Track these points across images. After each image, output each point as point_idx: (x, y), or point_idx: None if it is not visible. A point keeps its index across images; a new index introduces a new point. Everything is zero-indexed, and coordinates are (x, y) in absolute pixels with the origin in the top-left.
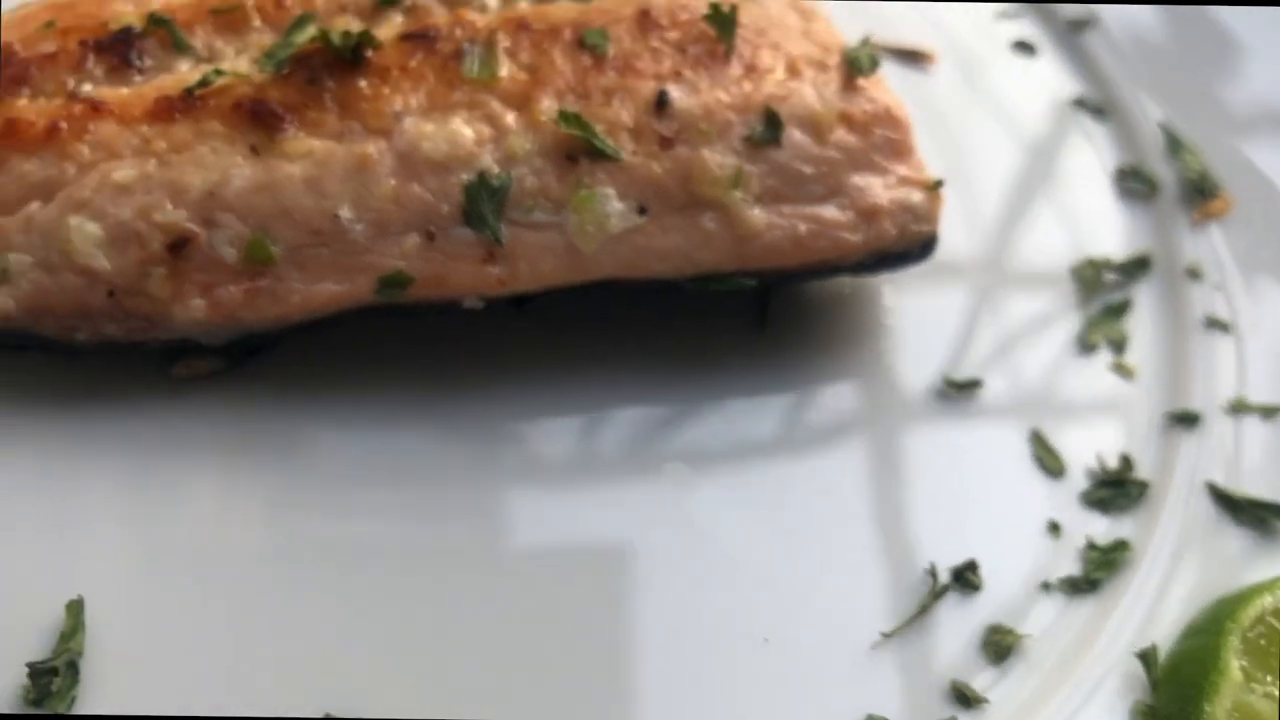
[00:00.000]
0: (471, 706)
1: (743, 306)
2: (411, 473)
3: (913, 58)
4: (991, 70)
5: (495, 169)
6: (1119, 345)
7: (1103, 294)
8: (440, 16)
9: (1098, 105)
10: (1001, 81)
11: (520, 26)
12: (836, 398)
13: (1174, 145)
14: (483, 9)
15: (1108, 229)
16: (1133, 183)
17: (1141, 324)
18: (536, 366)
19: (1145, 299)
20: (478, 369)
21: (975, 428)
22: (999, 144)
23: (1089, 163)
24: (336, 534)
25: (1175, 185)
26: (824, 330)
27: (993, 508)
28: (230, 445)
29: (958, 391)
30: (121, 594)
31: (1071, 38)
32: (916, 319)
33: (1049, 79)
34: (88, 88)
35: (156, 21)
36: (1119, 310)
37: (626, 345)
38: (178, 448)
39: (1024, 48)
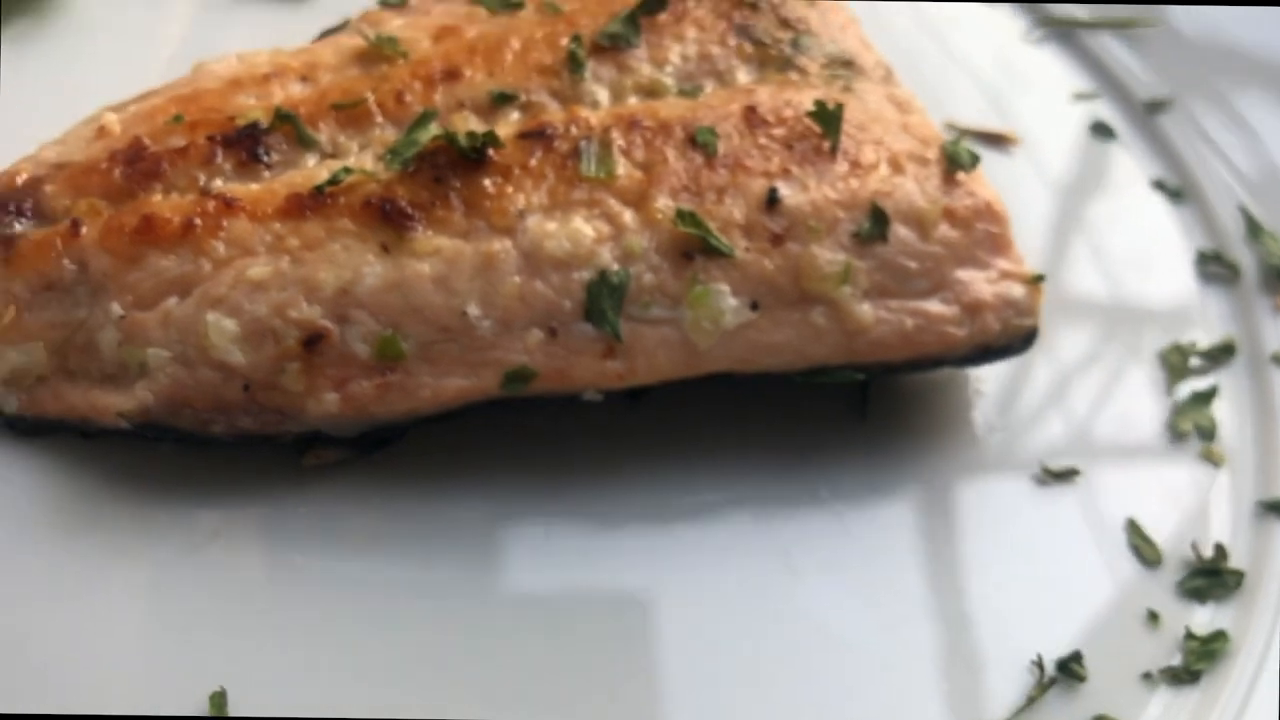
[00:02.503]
0: None
1: (842, 393)
2: (538, 556)
3: (995, 140)
4: (1071, 153)
5: (614, 266)
6: (1208, 432)
7: (1189, 380)
8: (555, 113)
9: (1176, 188)
10: (1080, 165)
11: (632, 124)
12: (936, 486)
13: (1254, 229)
14: (595, 105)
15: (1191, 314)
16: (1214, 267)
17: (1229, 410)
18: (644, 454)
19: (1231, 385)
20: (592, 456)
21: (1072, 515)
22: (1080, 229)
23: (1170, 247)
24: (466, 615)
25: (1256, 270)
26: (923, 418)
27: (1092, 597)
28: (360, 534)
29: (1055, 479)
30: (262, 682)
31: (1149, 120)
32: (1011, 406)
33: (1127, 162)
34: (218, 183)
35: (282, 117)
36: (1207, 397)
37: (729, 433)
38: (308, 536)
39: (1102, 130)
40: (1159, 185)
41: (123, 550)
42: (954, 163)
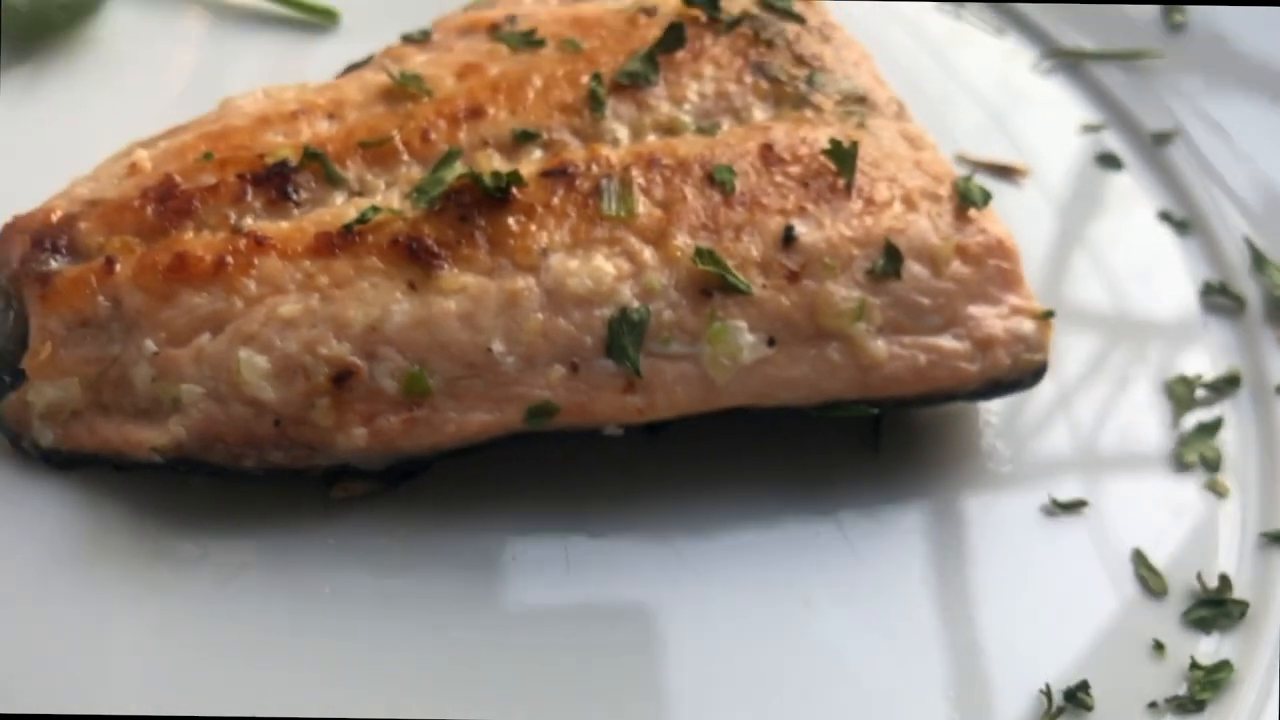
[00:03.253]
0: None
1: (855, 426)
2: (558, 585)
3: (1004, 172)
4: (1078, 184)
5: (634, 303)
6: (1213, 464)
7: (1195, 411)
8: (576, 151)
9: (1182, 219)
10: (1088, 196)
11: (652, 162)
12: (947, 518)
13: (1259, 261)
14: (615, 142)
15: (1197, 345)
16: (1219, 298)
17: (1233, 442)
18: (660, 486)
19: (1236, 416)
20: (610, 488)
21: (1080, 546)
22: (1087, 260)
23: (1175, 278)
24: (491, 645)
25: (1261, 301)
26: (934, 450)
27: (1099, 626)
28: (387, 564)
29: (1063, 511)
30: (292, 710)
31: (1155, 151)
32: (1020, 438)
33: (1134, 193)
34: (249, 221)
35: (311, 155)
36: (1212, 428)
37: (745, 465)
38: (337, 567)
39: (1110, 161)
40: (1165, 216)
41: (155, 581)
42: (966, 200)
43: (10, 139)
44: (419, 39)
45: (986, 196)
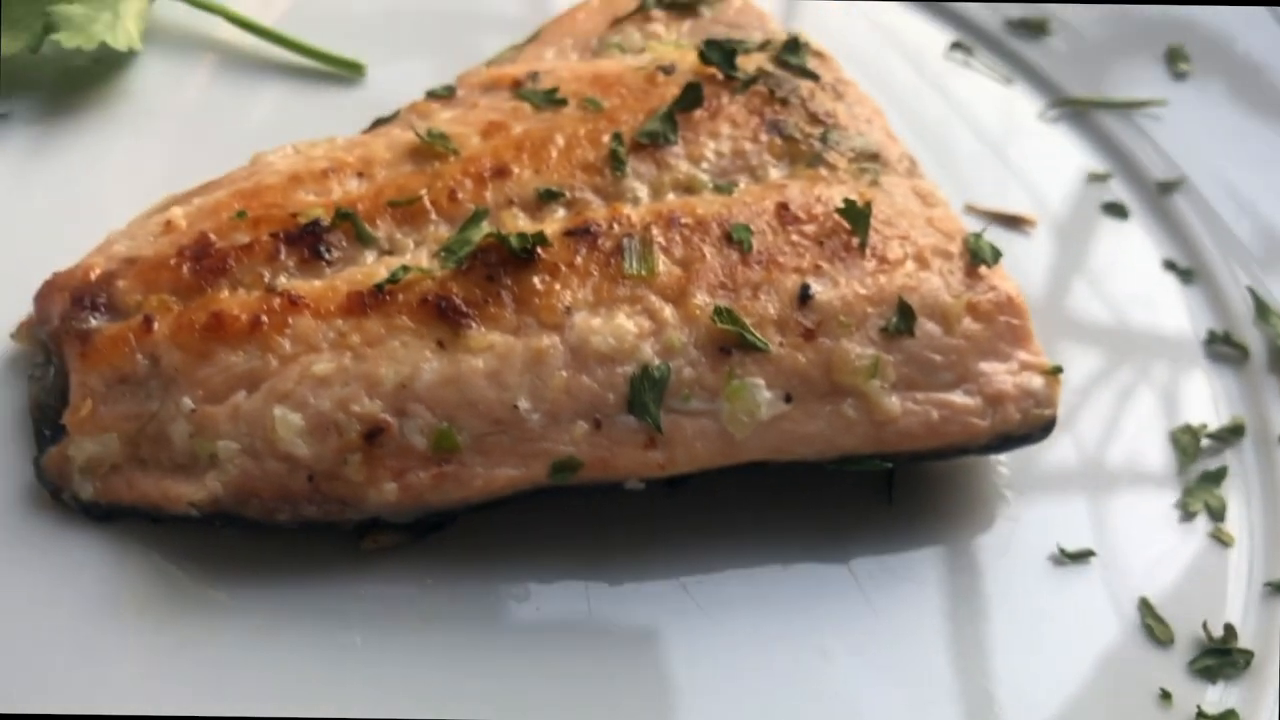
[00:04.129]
0: None
1: (869, 478)
2: (581, 634)
3: (1012, 222)
4: (1085, 233)
5: (655, 361)
6: (1218, 513)
7: (1200, 460)
8: (598, 210)
9: (1187, 269)
10: (1093, 244)
11: (671, 221)
12: (958, 567)
13: (1262, 311)
14: (635, 201)
15: (1201, 394)
16: (1223, 347)
17: (1238, 490)
18: (679, 537)
19: (1240, 466)
20: (630, 539)
21: (1087, 595)
22: (1091, 307)
23: (1179, 327)
24: (517, 694)
25: (1265, 351)
26: (945, 501)
27: (1107, 676)
28: (417, 615)
29: (1071, 560)
30: None
31: (1160, 200)
32: (1029, 489)
33: (1140, 242)
34: (282, 279)
35: (342, 215)
36: (1216, 477)
37: (762, 518)
38: (368, 617)
39: (1115, 210)
40: (1170, 265)
41: (191, 631)
42: (977, 257)
43: (43, 190)
44: (444, 95)
45: (997, 254)
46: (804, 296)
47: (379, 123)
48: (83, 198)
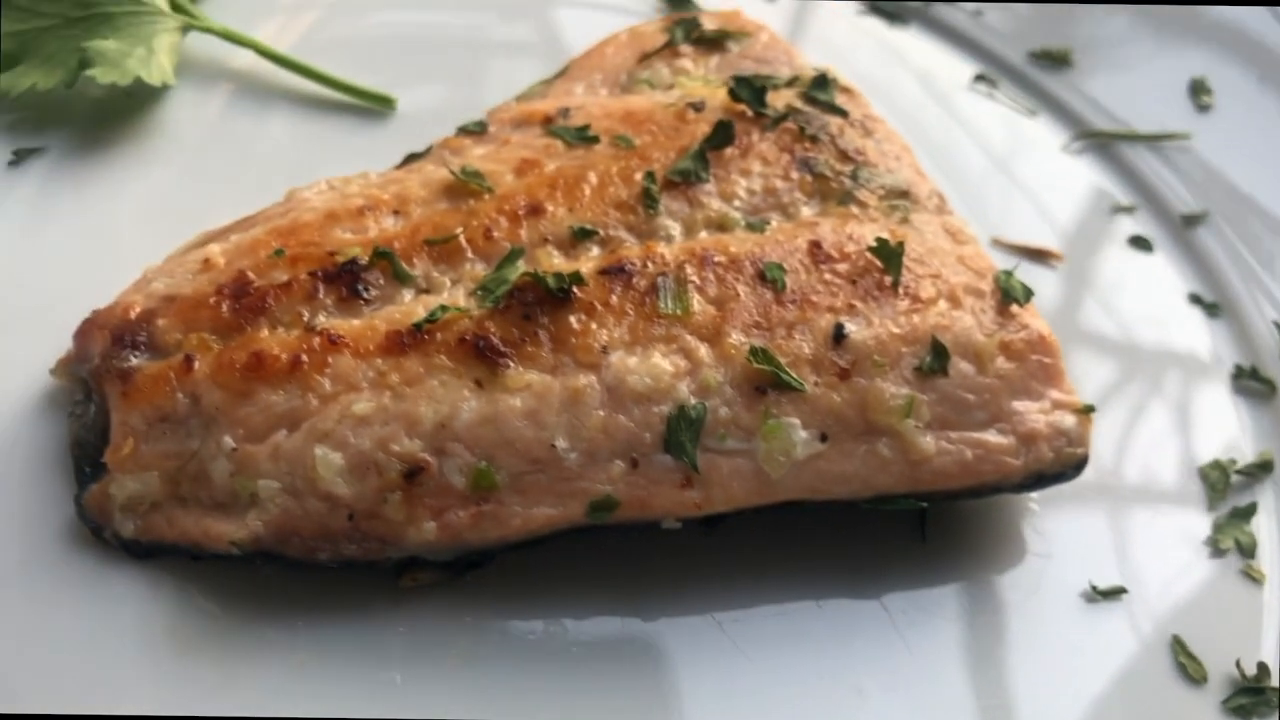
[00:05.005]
0: None
1: (902, 515)
2: (617, 670)
3: (1038, 256)
4: (1110, 267)
5: (691, 400)
6: (1248, 549)
7: (1229, 496)
8: (632, 249)
9: (1212, 302)
10: (1119, 278)
11: (705, 260)
12: (992, 604)
13: None
14: (668, 239)
15: (1229, 429)
16: (1250, 381)
17: (1268, 526)
18: (714, 574)
19: (1269, 501)
20: (665, 576)
21: (1120, 633)
22: (1117, 342)
23: (1206, 361)
24: None
25: None
26: (977, 538)
27: (1140, 714)
28: (455, 652)
29: (1103, 597)
30: None
31: (1185, 233)
32: (1061, 526)
33: (1166, 276)
34: (321, 318)
35: (380, 254)
36: (1246, 513)
37: (795, 556)
38: (406, 655)
39: (1140, 243)
40: (1195, 299)
41: (232, 668)
42: (1008, 296)
43: (79, 223)
44: (475, 130)
45: (1028, 293)
46: (838, 336)
47: (411, 158)
48: (117, 231)
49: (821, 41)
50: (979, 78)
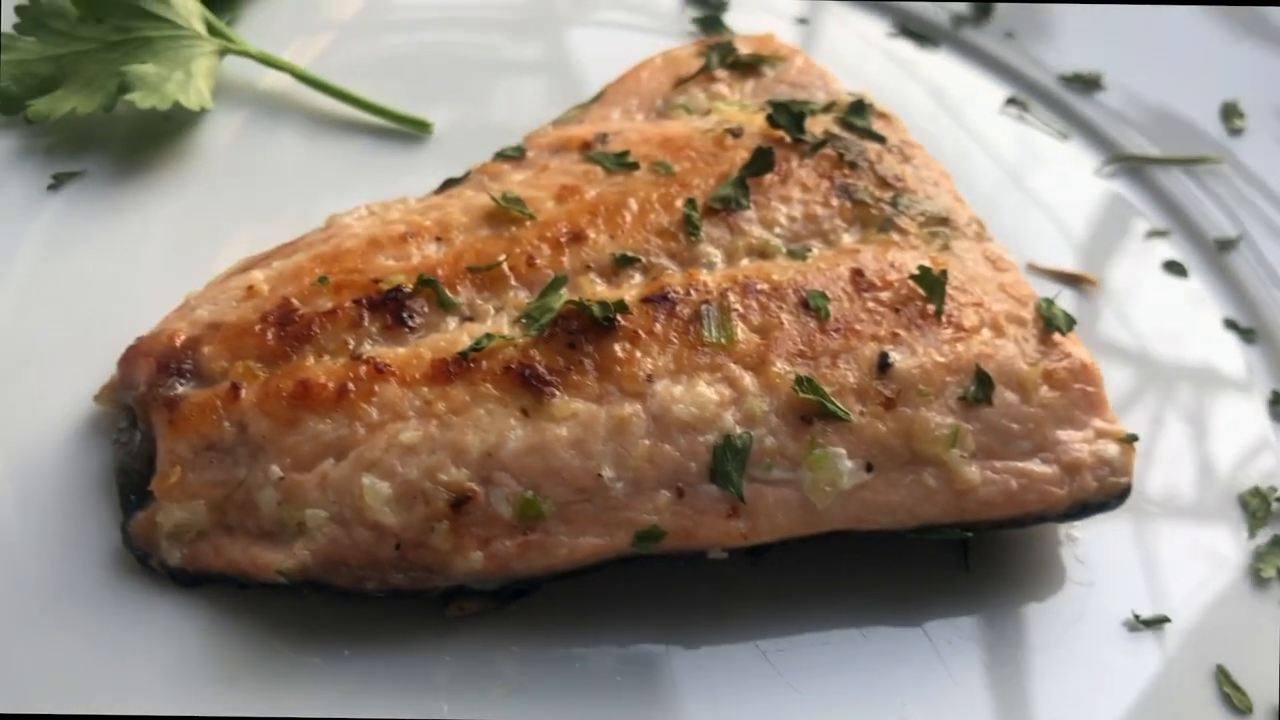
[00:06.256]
0: None
1: (945, 544)
2: (662, 699)
3: (1073, 281)
4: (1144, 292)
5: (737, 429)
6: None
7: (1271, 524)
8: (674, 276)
9: (1248, 328)
10: (1154, 303)
11: (747, 288)
12: (1035, 633)
13: None
14: (710, 266)
15: (1268, 455)
16: None
17: None
18: (758, 603)
19: None
20: (710, 605)
21: (1163, 662)
22: (1153, 368)
23: (1243, 388)
24: None
25: None
26: (1020, 567)
27: None
28: (502, 682)
29: (1146, 626)
30: None
31: (1219, 258)
32: (1100, 554)
33: (1201, 300)
34: (367, 346)
35: (424, 281)
36: None
37: (839, 586)
38: (453, 684)
39: (1174, 268)
40: (1231, 324)
41: (278, 697)
42: (1051, 324)
43: (118, 247)
44: (513, 155)
45: (1071, 322)
46: (883, 365)
47: (449, 183)
48: (156, 255)
49: (851, 65)
50: (1010, 101)
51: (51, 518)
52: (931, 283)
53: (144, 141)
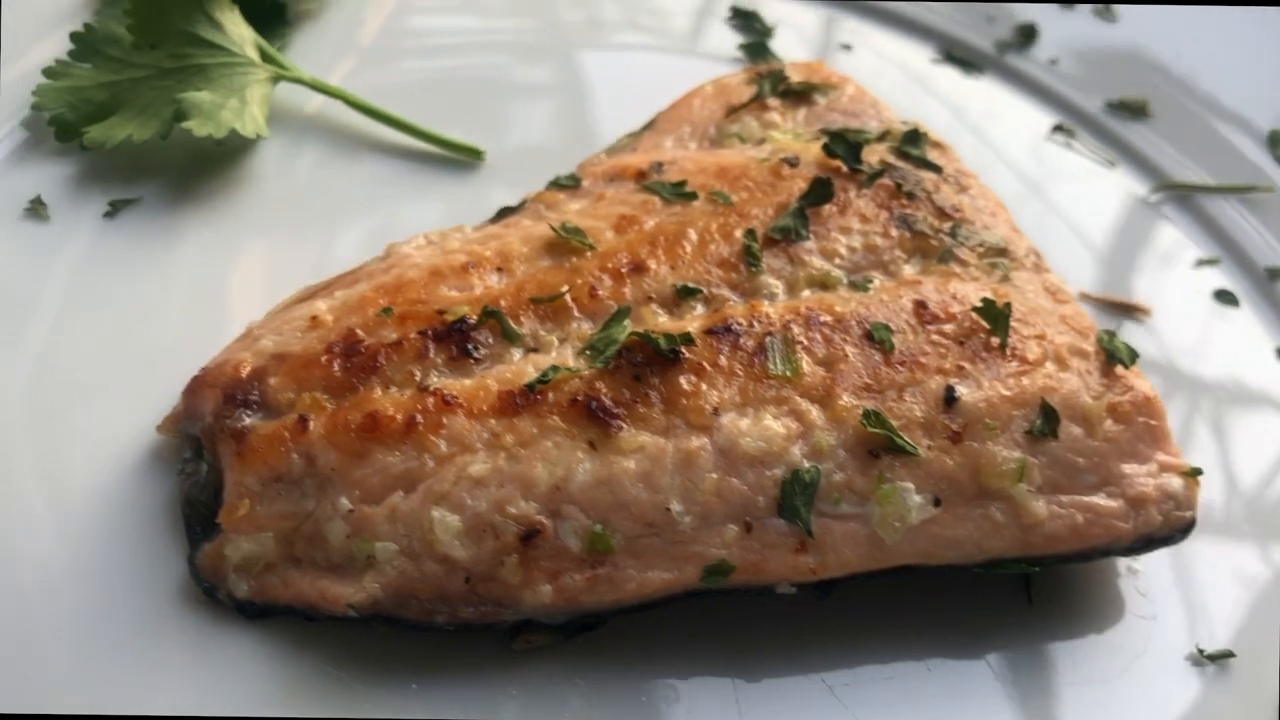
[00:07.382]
0: None
1: (1007, 578)
2: None
3: (1126, 311)
4: (1195, 322)
5: (805, 464)
6: None
7: None
8: (736, 307)
9: None
10: (1205, 333)
11: (810, 320)
12: (1099, 667)
13: None
14: (771, 297)
15: None
16: None
17: None
18: (824, 637)
19: None
20: (775, 637)
21: (1228, 698)
22: (1207, 399)
23: None
24: None
25: None
26: (1083, 600)
27: None
28: (567, 713)
29: (1210, 661)
30: None
31: (1271, 286)
32: (1163, 587)
33: (1252, 330)
34: (434, 377)
35: (488, 313)
36: None
37: (902, 614)
38: (518, 716)
39: (1225, 297)
40: None
41: None
42: (1113, 357)
43: (175, 275)
44: (569, 184)
45: (1133, 355)
46: (949, 398)
47: (505, 211)
48: (213, 283)
49: (891, 92)
50: (1056, 128)
51: (116, 549)
52: (995, 315)
53: (199, 168)
